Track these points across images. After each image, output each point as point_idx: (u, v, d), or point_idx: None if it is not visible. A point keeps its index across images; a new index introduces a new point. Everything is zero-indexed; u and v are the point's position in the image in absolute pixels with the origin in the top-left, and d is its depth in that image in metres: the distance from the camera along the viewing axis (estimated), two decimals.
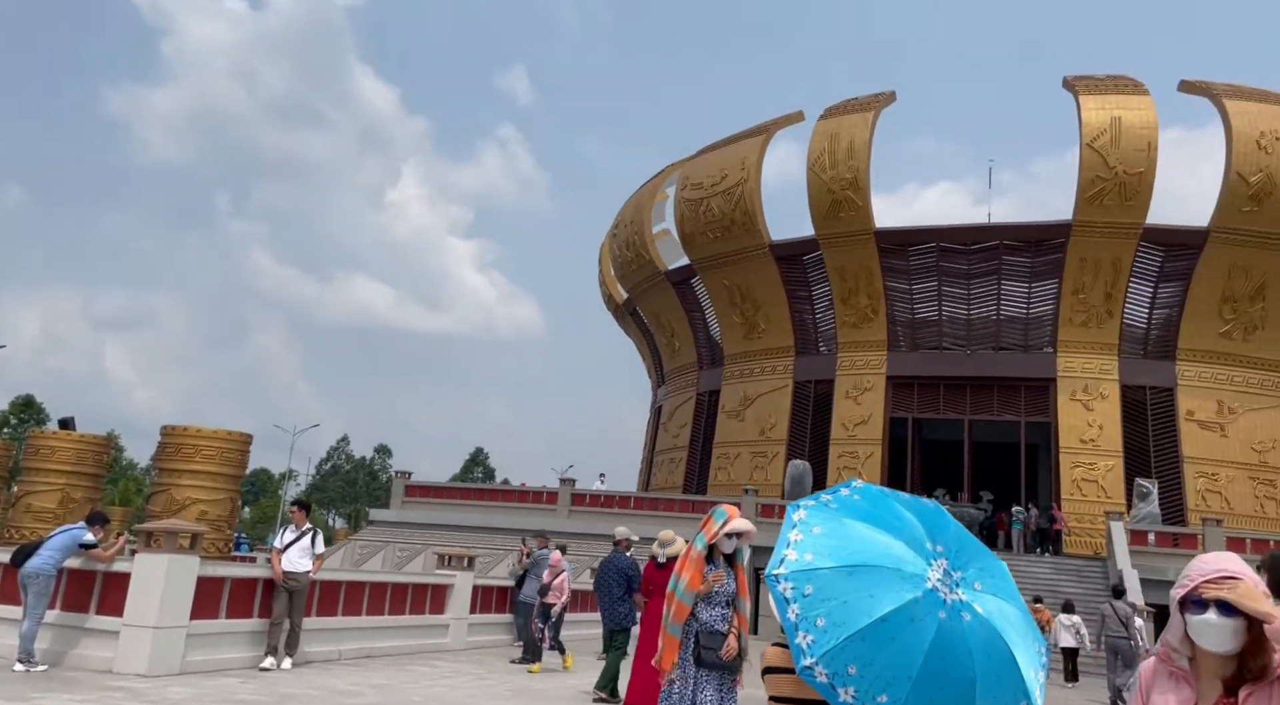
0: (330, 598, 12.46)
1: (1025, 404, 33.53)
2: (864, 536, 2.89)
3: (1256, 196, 30.70)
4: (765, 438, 36.26)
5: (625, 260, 42.49)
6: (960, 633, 2.70)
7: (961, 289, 34.28)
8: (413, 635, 13.99)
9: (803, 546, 2.95)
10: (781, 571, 2.90)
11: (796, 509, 3.14)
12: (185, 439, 13.91)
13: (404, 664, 12.31)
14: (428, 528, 35.18)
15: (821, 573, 2.83)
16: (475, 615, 15.55)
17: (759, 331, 37.64)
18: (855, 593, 2.75)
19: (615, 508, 33.94)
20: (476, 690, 10.54)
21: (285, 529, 11.48)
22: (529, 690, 10.95)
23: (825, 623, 2.74)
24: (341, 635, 12.51)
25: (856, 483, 3.23)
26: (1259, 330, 32.57)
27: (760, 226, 36.01)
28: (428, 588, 14.63)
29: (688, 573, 5.74)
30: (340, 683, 10.18)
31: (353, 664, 11.87)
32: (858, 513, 3.03)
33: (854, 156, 33.73)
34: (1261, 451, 31.90)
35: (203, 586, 10.08)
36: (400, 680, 10.76)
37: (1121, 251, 32.02)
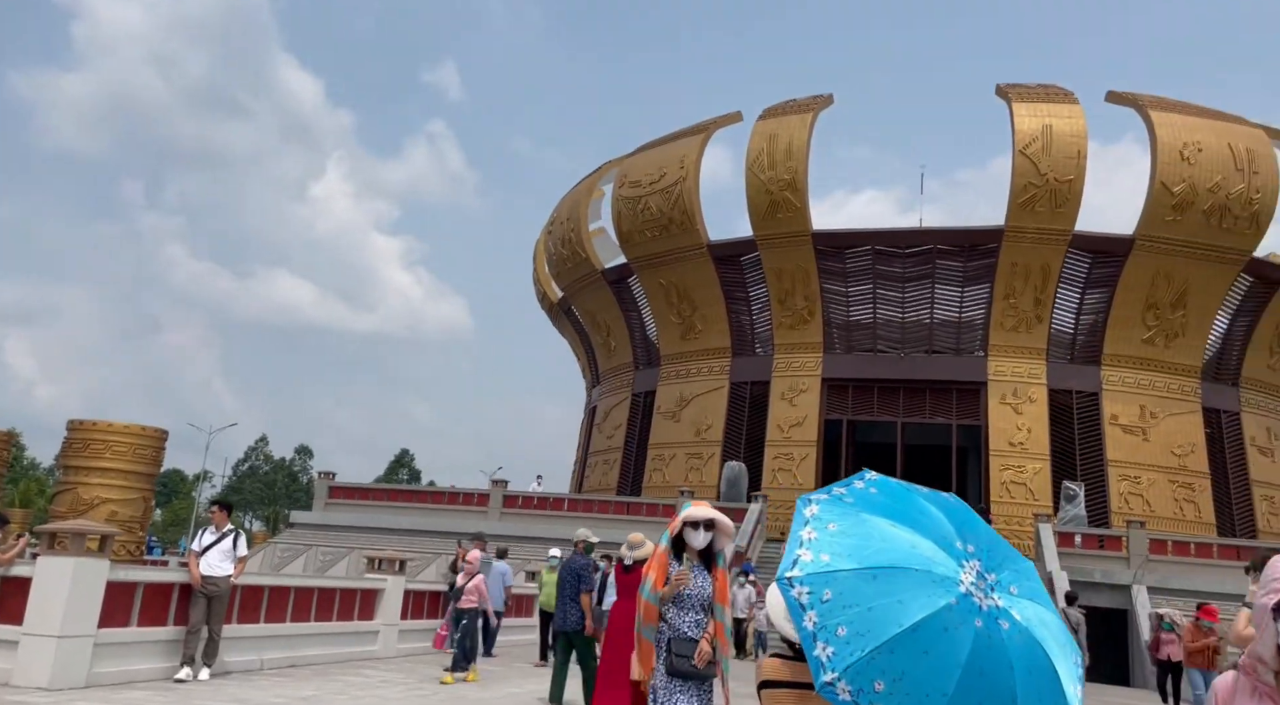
0: (252, 603, 11.72)
1: (957, 407, 34.00)
2: (887, 534, 2.53)
3: (1179, 206, 31.63)
4: (701, 439, 36.09)
5: (561, 258, 41.94)
6: (999, 643, 2.35)
7: (896, 292, 34.61)
8: (341, 643, 13.30)
9: (818, 546, 2.58)
10: (795, 574, 2.52)
11: (807, 504, 2.76)
12: (94, 434, 12.98)
13: (332, 673, 11.65)
14: (352, 530, 34.16)
15: (841, 576, 2.46)
16: (407, 621, 14.90)
17: (696, 332, 37.47)
18: (881, 598, 2.38)
19: (548, 510, 33.42)
20: (411, 701, 9.97)
21: (204, 531, 10.73)
22: (466, 700, 10.42)
23: (848, 632, 2.37)
24: (264, 643, 11.78)
25: (871, 474, 2.87)
26: (1179, 337, 33.57)
27: (698, 226, 35.85)
28: (356, 593, 13.95)
29: (653, 572, 5.38)
30: (263, 695, 9.51)
31: (276, 674, 11.17)
32: (878, 508, 2.67)
33: (792, 157, 33.80)
34: (1181, 455, 32.86)
35: (112, 592, 9.29)
36: (328, 691, 10.12)
37: (1051, 257, 32.68)
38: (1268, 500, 33.72)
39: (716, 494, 33.79)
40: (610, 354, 42.15)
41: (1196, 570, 27.26)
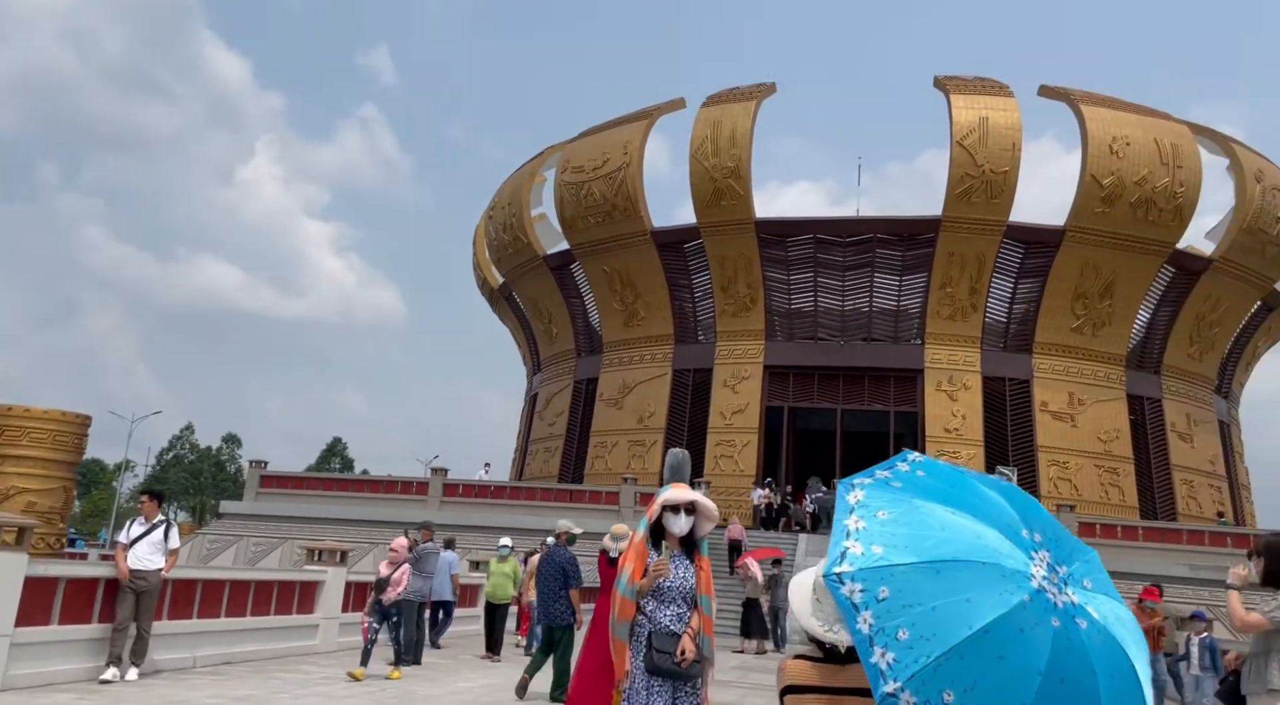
0: (184, 598, 11.16)
1: (894, 394, 34.45)
2: (947, 523, 2.30)
3: (1108, 198, 32.43)
4: (644, 426, 35.94)
5: (502, 243, 41.30)
6: (1079, 645, 2.13)
7: (837, 281, 34.86)
8: (278, 638, 12.77)
9: (868, 536, 2.33)
10: (845, 569, 2.27)
11: (850, 489, 2.51)
12: (10, 420, 12.20)
13: (270, 670, 11.15)
14: (286, 520, 33.24)
15: (899, 570, 2.22)
16: (348, 614, 14.41)
17: (639, 319, 37.26)
18: (946, 596, 2.14)
19: (489, 498, 32.98)
20: (358, 699, 9.56)
21: (132, 522, 10.14)
22: (415, 698, 10.05)
23: (910, 635, 2.13)
24: (197, 640, 11.23)
25: (914, 455, 2.64)
26: (1106, 326, 34.48)
27: (642, 212, 35.60)
28: (295, 585, 13.42)
29: (630, 563, 5.02)
30: (196, 695, 9.02)
31: (210, 672, 10.64)
32: (930, 492, 2.44)
33: (736, 145, 33.75)
34: (1106, 441, 33.81)
35: (31, 588, 8.70)
36: (267, 691, 9.65)
37: (986, 247, 33.25)
38: (1187, 484, 34.92)
39: (659, 481, 33.69)
40: (552, 341, 41.70)
41: (1124, 552, 28.06)
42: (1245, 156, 34.74)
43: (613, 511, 31.18)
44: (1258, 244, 34.32)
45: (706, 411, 35.03)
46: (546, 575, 10.37)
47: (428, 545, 13.24)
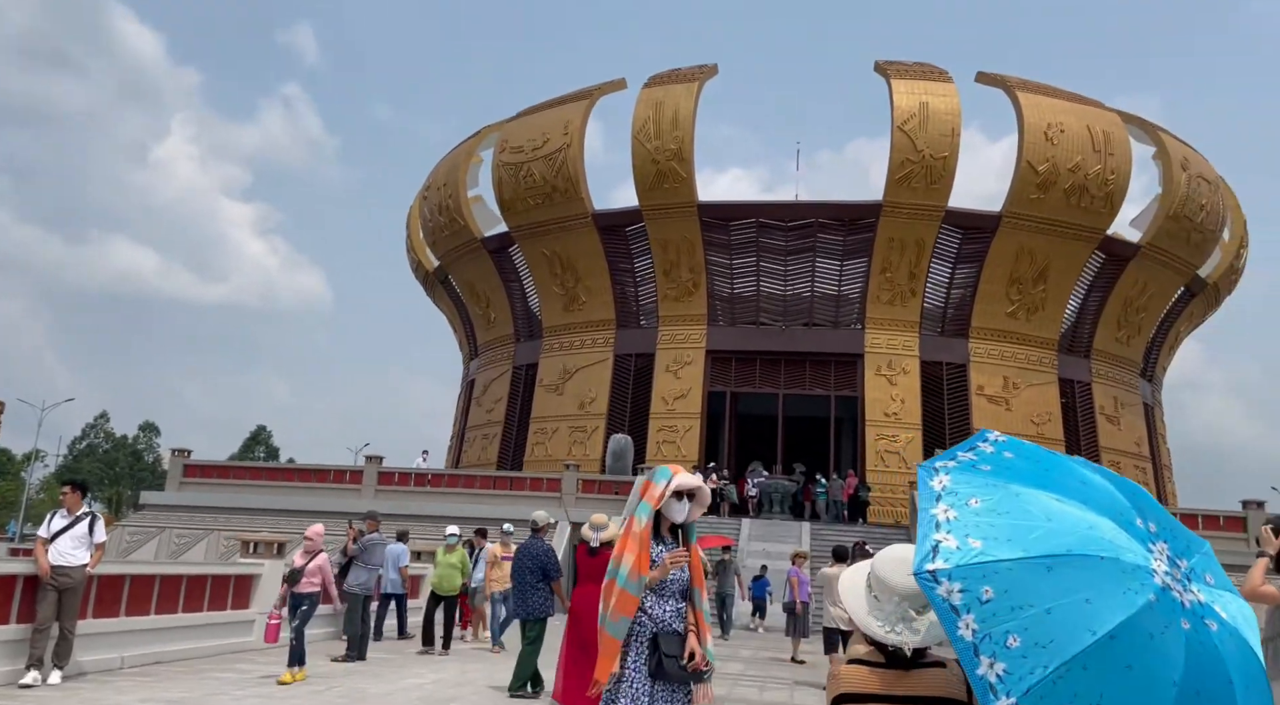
0: (110, 595, 10.45)
1: (835, 379, 34.65)
2: (1053, 511, 1.99)
3: (1043, 185, 32.99)
4: (585, 412, 35.55)
5: (437, 225, 40.36)
6: (1212, 650, 1.83)
7: (779, 265, 34.87)
8: (212, 635, 12.12)
9: (962, 527, 2.01)
10: (940, 566, 1.95)
11: (932, 474, 2.19)
12: None
13: (204, 670, 10.53)
14: (211, 511, 32.10)
15: (1004, 567, 1.90)
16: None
17: (579, 303, 36.78)
18: (1062, 597, 1.84)
19: (426, 486, 32.27)
20: (301, 699, 9.05)
21: (53, 514, 9.41)
22: (366, 696, 9.57)
23: (1022, 643, 1.82)
24: (124, 639, 10.55)
25: (995, 434, 2.33)
26: (1039, 311, 35.17)
27: (583, 194, 35.08)
28: (230, 579, 12.75)
29: (631, 553, 4.50)
30: (124, 699, 8.41)
31: (139, 673, 9.99)
32: (1025, 476, 2.12)
33: (679, 127, 33.44)
34: (1039, 424, 34.52)
35: None
36: (202, 692, 9.07)
37: (925, 233, 33.58)
38: (1114, 465, 35.82)
39: (601, 467, 33.39)
40: (490, 326, 40.97)
41: None
42: (1172, 145, 35.70)
43: (554, 499, 30.78)
44: (1183, 231, 35.33)
45: (648, 397, 34.79)
46: (523, 567, 10.00)
47: (373, 536, 12.68)
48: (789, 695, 11.47)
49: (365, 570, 12.51)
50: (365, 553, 12.50)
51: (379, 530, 12.85)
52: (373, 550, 12.62)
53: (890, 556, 2.49)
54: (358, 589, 12.50)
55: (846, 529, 29.86)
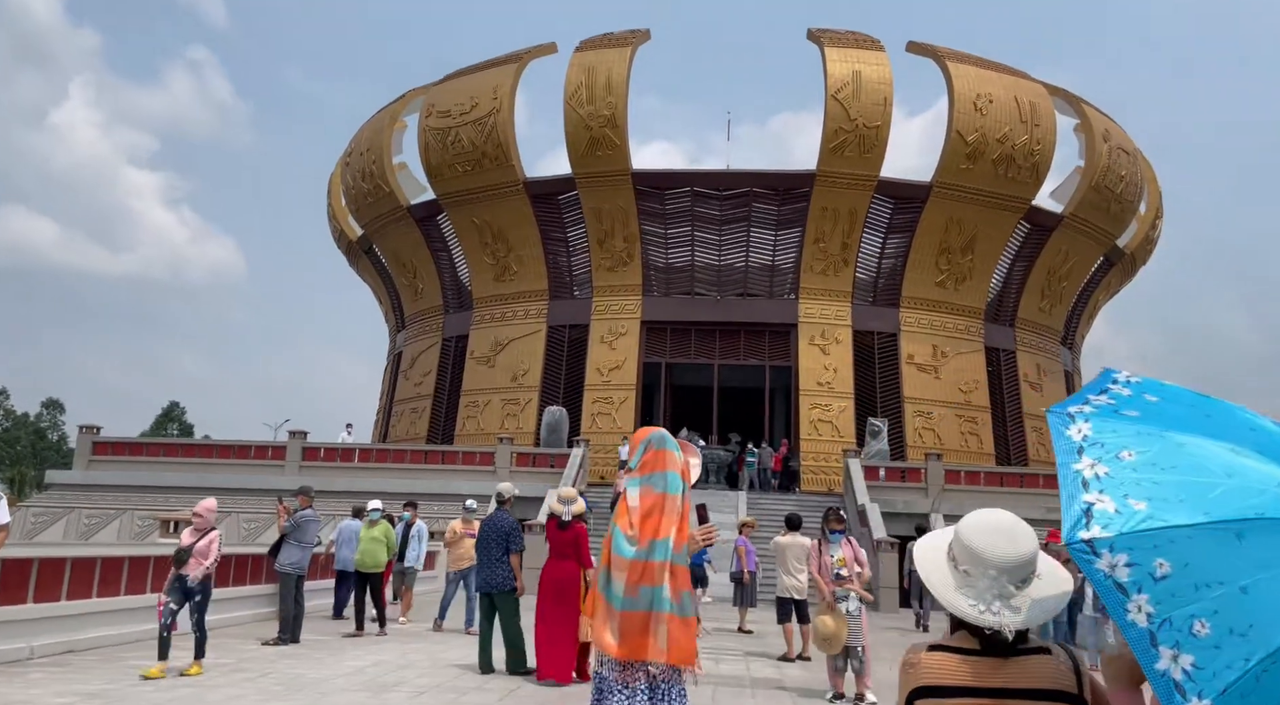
0: (17, 580, 9.62)
1: (769, 349, 34.67)
2: (1232, 465, 1.59)
3: (972, 155, 33.34)
4: (518, 384, 34.91)
5: (361, 192, 39.00)
6: None
7: (713, 235, 34.63)
8: (130, 621, 11.33)
9: (1118, 486, 1.61)
10: (1099, 534, 1.55)
11: (1067, 421, 1.78)
12: None
13: (123, 658, 9.80)
14: (123, 490, 30.67)
15: (1181, 535, 1.51)
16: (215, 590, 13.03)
17: (511, 273, 36.01)
18: (1260, 571, 1.44)
19: (353, 462, 31.33)
20: (236, 687, 8.44)
21: None
22: (302, 682, 9.00)
23: (1212, 630, 1.43)
24: (34, 627, 9.74)
25: (1124, 373, 1.95)
26: (967, 281, 35.71)
27: (514, 161, 34.23)
28: (149, 561, 11.95)
29: (669, 520, 4.29)
30: (36, 693, 7.70)
31: (52, 664, 9.23)
32: (1184, 423, 1.72)
33: (612, 93, 32.78)
34: (966, 392, 35.16)
35: None
36: (125, 684, 8.39)
37: (858, 202, 33.69)
38: (1037, 431, 36.80)
39: (536, 440, 32.88)
40: (417, 297, 39.88)
41: (986, 497, 29.26)
42: (1094, 116, 36.44)
43: (488, 473, 30.20)
44: (1104, 201, 36.18)
45: (583, 368, 34.32)
46: (488, 540, 9.78)
47: (306, 513, 11.99)
48: (744, 667, 11.27)
49: (298, 548, 11.84)
50: (298, 530, 11.83)
51: (312, 506, 12.17)
52: (306, 527, 11.95)
53: (981, 524, 2.10)
54: (289, 568, 11.84)
55: (782, 498, 30.01)
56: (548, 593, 8.80)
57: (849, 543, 9.08)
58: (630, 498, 4.49)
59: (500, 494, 10.52)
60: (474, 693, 8.47)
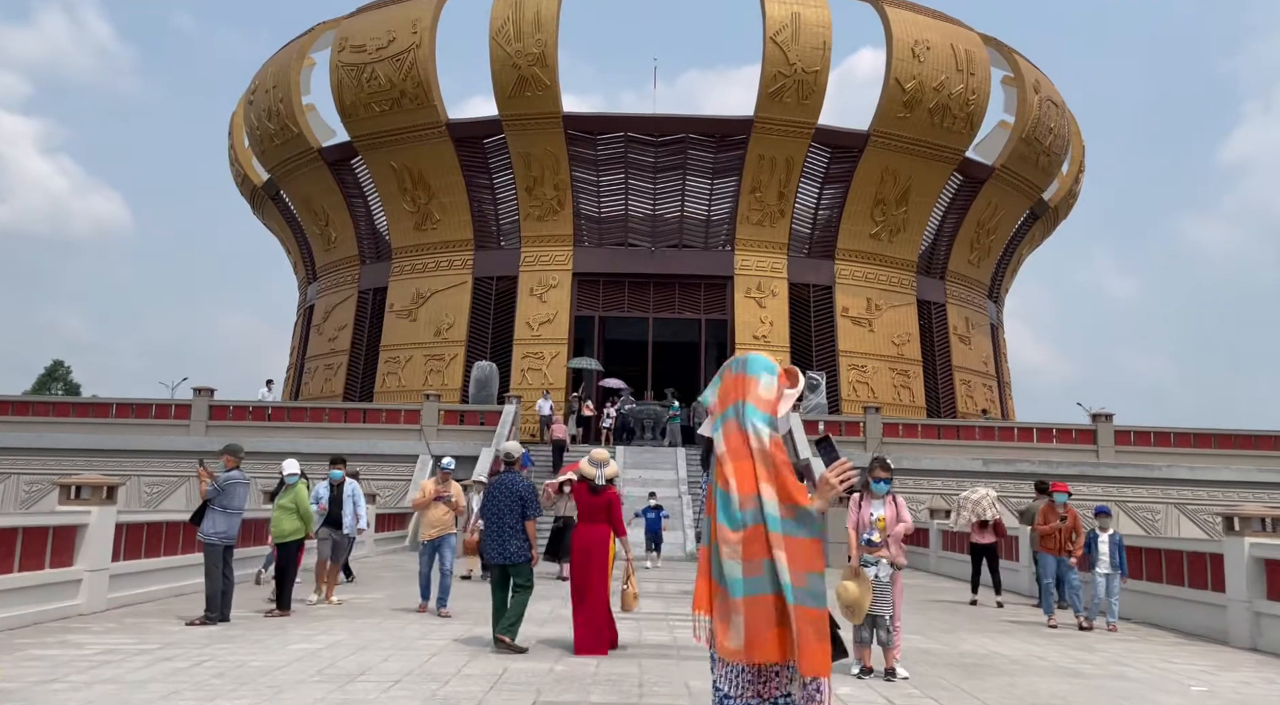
0: None
1: (705, 302, 33.73)
2: None
3: (910, 103, 32.78)
4: (442, 339, 33.16)
5: (266, 133, 36.25)
6: None
7: (648, 183, 33.33)
8: (28, 600, 9.64)
9: None
10: None
11: None
12: None
13: (24, 647, 8.19)
14: (6, 453, 28.06)
15: None
16: (120, 563, 11.36)
17: (433, 222, 34.04)
18: None
19: (267, 421, 29.32)
20: (171, 682, 6.98)
21: None
22: (247, 671, 7.58)
23: None
24: None
25: None
26: (901, 233, 35.37)
27: (435, 101, 32.16)
28: (47, 531, 10.22)
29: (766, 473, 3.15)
30: None
31: None
32: None
33: (541, 29, 30.96)
34: (899, 345, 35.00)
35: None
36: (32, 678, 6.85)
37: (795, 151, 32.82)
38: (965, 384, 37.05)
39: (463, 397, 31.33)
40: (330, 246, 37.49)
41: (923, 450, 29.19)
42: (1025, 67, 36.31)
43: (413, 431, 28.62)
44: (1033, 153, 36.20)
45: (512, 322, 32.78)
46: (500, 505, 8.64)
47: (233, 474, 10.40)
48: None
49: (224, 516, 10.27)
50: (223, 495, 10.23)
51: (239, 467, 10.55)
52: (232, 491, 10.35)
53: None
54: (215, 538, 10.26)
55: None
56: (578, 561, 8.27)
57: (893, 501, 8.08)
58: (716, 443, 3.32)
59: (509, 454, 9.28)
60: (456, 680, 7.23)
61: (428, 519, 11.98)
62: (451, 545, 11.88)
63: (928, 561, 22.31)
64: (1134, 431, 29.51)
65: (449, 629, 9.99)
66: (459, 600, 12.11)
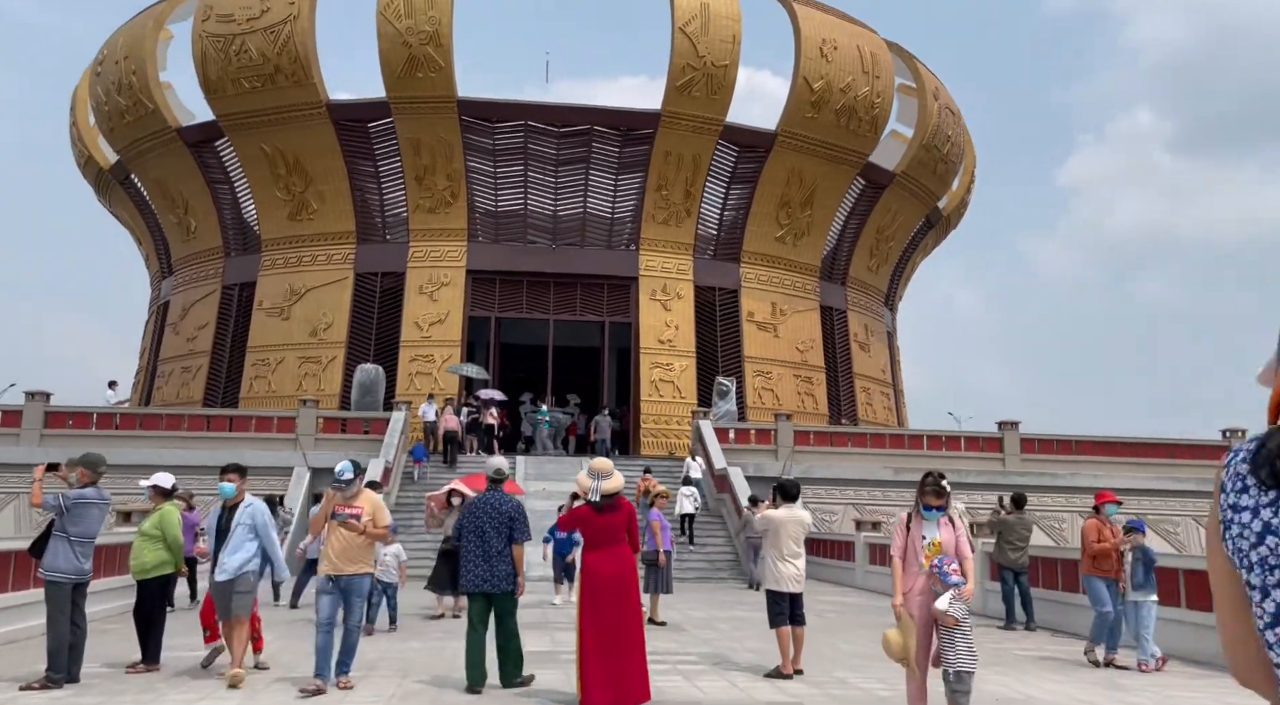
0: None
1: (608, 303, 31.99)
2: None
3: (817, 103, 32.04)
4: (319, 340, 30.18)
5: (116, 109, 32.34)
6: None
7: (549, 177, 31.35)
8: None
9: None
10: None
11: None
12: None
13: None
14: None
15: None
16: None
17: (310, 212, 31.02)
18: None
19: (114, 429, 25.81)
20: None
21: None
22: None
23: None
24: None
25: None
26: (805, 236, 34.63)
27: (315, 79, 29.29)
28: None
29: None
30: None
31: None
32: None
33: (435, 6, 28.60)
34: (803, 351, 34.21)
35: None
36: None
37: (702, 148, 31.56)
38: (865, 391, 36.66)
39: (343, 402, 28.51)
40: (189, 237, 33.78)
41: (832, 458, 28.28)
42: (926, 75, 36.29)
43: (287, 441, 25.70)
44: (931, 160, 36.18)
45: (399, 322, 30.14)
46: (485, 527, 7.71)
47: (85, 493, 7.92)
48: (732, 685, 8.58)
49: (71, 546, 7.77)
50: (72, 515, 7.73)
51: (96, 484, 8.04)
52: (84, 513, 7.82)
53: None
54: (59, 577, 7.76)
55: (628, 462, 27.54)
56: (606, 598, 6.72)
57: (950, 522, 6.48)
58: None
59: (498, 470, 8.14)
60: None
61: (331, 547, 7.94)
62: (362, 593, 7.99)
63: (854, 576, 21.20)
64: (1038, 440, 29.52)
65: None
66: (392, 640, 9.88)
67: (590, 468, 7.11)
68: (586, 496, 6.99)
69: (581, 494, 7.10)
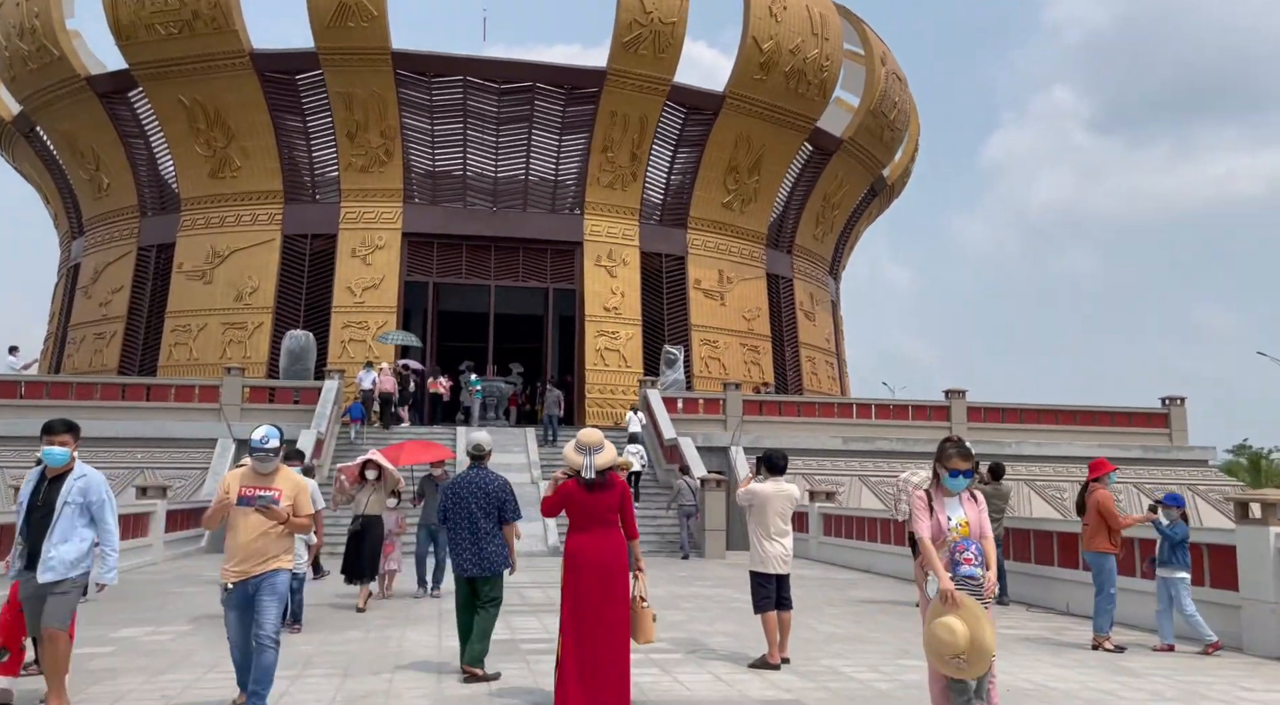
0: None
1: (551, 269, 30.89)
2: None
3: (766, 65, 31.20)
4: (245, 305, 28.52)
5: (19, 57, 29.92)
6: None
7: (490, 136, 29.98)
8: None
9: None
10: None
11: None
12: None
13: None
14: None
15: None
16: None
17: (233, 169, 29.18)
18: None
19: (19, 398, 24.04)
20: None
21: None
22: None
23: None
24: None
25: None
26: (753, 203, 33.94)
27: (237, 26, 27.41)
28: None
29: None
30: None
31: None
32: None
33: None
34: (750, 319, 33.64)
35: None
36: None
37: (649, 108, 30.51)
38: (810, 361, 36.30)
39: (271, 371, 27.01)
40: (102, 194, 31.59)
41: (781, 428, 27.80)
42: (874, 40, 35.71)
43: (210, 411, 24.18)
44: (879, 127, 35.70)
45: (330, 287, 28.64)
46: (472, 507, 7.23)
47: None
48: (714, 679, 7.84)
49: None
50: None
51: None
52: None
53: None
54: None
55: (573, 432, 26.65)
56: (589, 586, 5.95)
57: (972, 498, 5.69)
58: None
59: (479, 446, 7.65)
60: None
61: (235, 542, 5.83)
62: (279, 592, 5.81)
63: (808, 547, 20.74)
64: (985, 408, 29.47)
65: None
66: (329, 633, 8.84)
67: (578, 441, 6.22)
68: (580, 474, 6.14)
69: (571, 472, 6.24)
